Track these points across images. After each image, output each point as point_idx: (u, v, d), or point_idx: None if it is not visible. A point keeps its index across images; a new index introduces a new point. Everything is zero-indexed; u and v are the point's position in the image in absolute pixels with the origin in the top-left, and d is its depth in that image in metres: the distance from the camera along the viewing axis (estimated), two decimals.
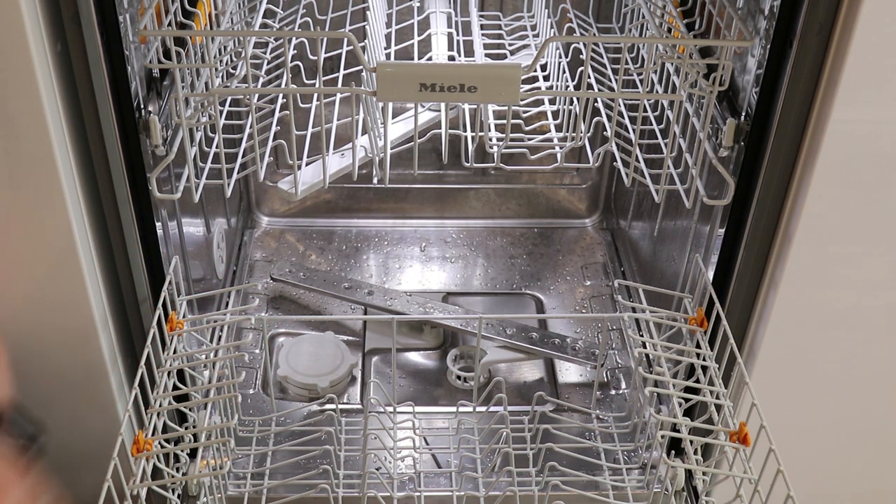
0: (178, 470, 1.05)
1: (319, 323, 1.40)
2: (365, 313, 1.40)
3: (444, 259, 1.58)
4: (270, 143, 1.13)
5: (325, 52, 1.22)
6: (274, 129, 1.15)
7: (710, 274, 1.03)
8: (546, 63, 1.27)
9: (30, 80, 0.79)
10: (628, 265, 1.54)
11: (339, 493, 1.06)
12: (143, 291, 1.00)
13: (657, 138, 1.15)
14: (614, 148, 1.05)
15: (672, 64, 1.12)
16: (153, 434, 0.93)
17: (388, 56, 1.24)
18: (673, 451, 1.12)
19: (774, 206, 0.94)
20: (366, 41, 1.17)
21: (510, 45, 1.37)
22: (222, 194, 1.04)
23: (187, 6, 1.05)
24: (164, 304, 1.01)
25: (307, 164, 1.13)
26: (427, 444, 1.19)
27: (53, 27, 0.80)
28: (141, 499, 0.85)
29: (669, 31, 1.12)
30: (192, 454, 1.07)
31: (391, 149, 1.08)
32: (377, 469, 1.09)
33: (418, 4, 1.32)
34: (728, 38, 0.95)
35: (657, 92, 1.17)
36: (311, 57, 1.32)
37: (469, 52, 1.25)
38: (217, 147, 0.97)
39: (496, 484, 1.08)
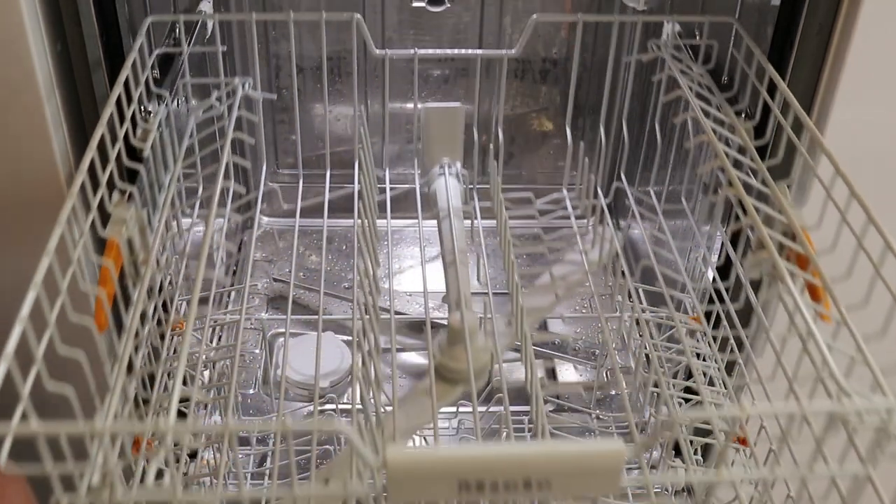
0: (177, 470, 1.05)
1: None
2: (365, 313, 1.40)
3: None
4: None
5: None
6: None
7: (711, 274, 1.03)
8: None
9: (30, 80, 0.79)
10: (628, 265, 1.54)
11: None
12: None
13: None
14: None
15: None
16: (153, 434, 0.93)
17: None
18: (673, 451, 1.12)
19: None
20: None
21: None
22: None
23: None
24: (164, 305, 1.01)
25: None
26: (427, 444, 1.19)
27: (53, 27, 0.80)
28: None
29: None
30: (192, 454, 1.07)
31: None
32: None
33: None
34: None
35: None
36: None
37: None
38: None
39: None
